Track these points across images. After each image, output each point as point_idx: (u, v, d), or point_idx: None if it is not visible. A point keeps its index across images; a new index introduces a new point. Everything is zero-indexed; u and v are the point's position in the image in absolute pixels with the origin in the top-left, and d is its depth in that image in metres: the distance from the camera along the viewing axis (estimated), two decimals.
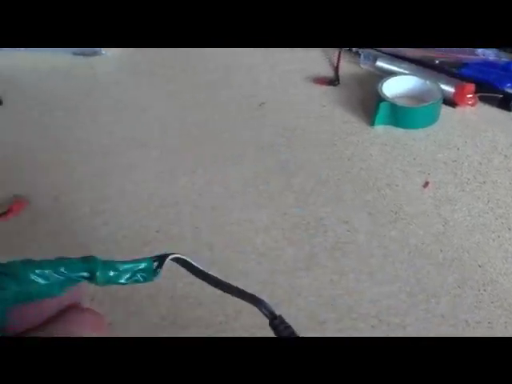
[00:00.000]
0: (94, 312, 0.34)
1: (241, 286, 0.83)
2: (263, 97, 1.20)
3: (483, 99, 1.15)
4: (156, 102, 1.20)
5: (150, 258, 0.36)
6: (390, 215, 0.93)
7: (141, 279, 0.35)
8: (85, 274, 0.34)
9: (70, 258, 0.34)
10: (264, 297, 0.81)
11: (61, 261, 0.34)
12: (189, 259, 0.39)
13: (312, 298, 0.82)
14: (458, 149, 1.06)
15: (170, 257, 0.36)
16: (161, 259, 0.36)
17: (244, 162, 1.04)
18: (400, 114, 1.09)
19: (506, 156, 1.04)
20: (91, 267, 0.34)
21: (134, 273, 0.35)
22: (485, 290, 0.83)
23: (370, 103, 1.14)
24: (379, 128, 1.10)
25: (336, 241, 0.89)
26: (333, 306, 0.81)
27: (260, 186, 0.99)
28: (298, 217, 0.93)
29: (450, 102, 1.15)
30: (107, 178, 1.02)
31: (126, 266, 0.35)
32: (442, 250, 0.87)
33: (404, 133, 1.09)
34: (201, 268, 0.39)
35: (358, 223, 0.92)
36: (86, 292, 0.36)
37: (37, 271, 0.32)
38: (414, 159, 1.03)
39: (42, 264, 0.33)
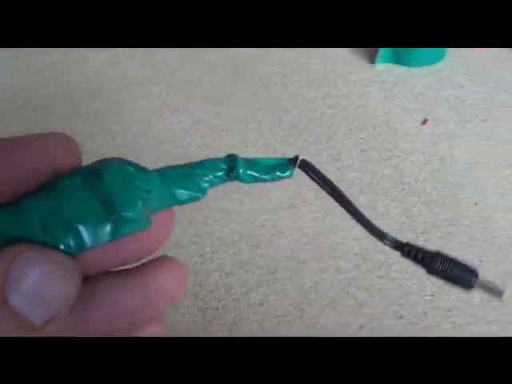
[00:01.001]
0: (180, 264, 0.28)
1: (222, 225, 0.80)
2: None
3: None
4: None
5: (282, 158, 0.32)
6: (384, 152, 0.88)
7: (281, 175, 0.31)
8: (226, 171, 0.29)
9: (210, 159, 0.30)
10: (244, 237, 0.78)
11: (200, 162, 0.29)
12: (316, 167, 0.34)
13: (294, 237, 0.77)
14: (462, 86, 1.00)
15: (300, 158, 0.32)
16: (292, 160, 0.32)
17: (236, 100, 0.99)
18: (403, 52, 1.03)
19: (511, 93, 0.98)
20: (232, 164, 0.29)
21: (273, 168, 0.30)
22: (477, 228, 0.77)
23: None
24: (381, 66, 1.04)
25: None
26: (315, 245, 0.77)
27: (250, 124, 0.94)
28: (288, 155, 0.89)
29: None
30: (93, 119, 0.98)
31: (265, 163, 0.31)
32: (435, 188, 0.82)
33: (407, 71, 1.03)
34: (328, 177, 0.34)
35: (349, 161, 0.87)
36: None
37: (180, 174, 0.27)
38: (415, 97, 0.98)
39: (180, 167, 0.28)
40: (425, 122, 0.92)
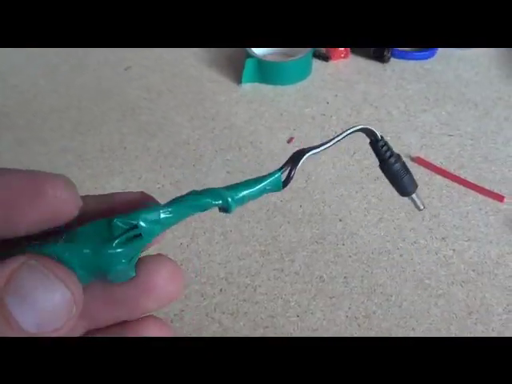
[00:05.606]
0: (169, 259, 0.29)
1: None
2: (129, 61, 1.13)
3: (356, 51, 1.11)
4: (15, 66, 1.13)
5: (280, 169, 0.31)
6: (249, 173, 0.87)
7: (268, 189, 0.30)
8: (219, 204, 0.29)
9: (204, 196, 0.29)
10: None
11: (193, 199, 0.29)
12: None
13: None
14: (328, 102, 1.01)
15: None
16: (292, 166, 0.31)
17: (102, 127, 0.97)
18: (268, 70, 1.04)
19: (376, 107, 0.99)
20: (224, 204, 0.29)
21: (263, 190, 0.30)
22: (343, 244, 0.78)
23: (239, 62, 1.08)
24: (248, 86, 1.04)
25: None
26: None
27: (116, 151, 0.93)
28: (152, 181, 0.87)
29: (322, 55, 1.10)
30: None
31: (256, 187, 0.30)
32: (301, 206, 0.82)
33: (273, 89, 1.04)
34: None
35: (214, 183, 0.85)
36: None
37: (169, 209, 0.28)
38: (281, 115, 0.98)
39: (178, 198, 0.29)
40: (290, 140, 0.92)
